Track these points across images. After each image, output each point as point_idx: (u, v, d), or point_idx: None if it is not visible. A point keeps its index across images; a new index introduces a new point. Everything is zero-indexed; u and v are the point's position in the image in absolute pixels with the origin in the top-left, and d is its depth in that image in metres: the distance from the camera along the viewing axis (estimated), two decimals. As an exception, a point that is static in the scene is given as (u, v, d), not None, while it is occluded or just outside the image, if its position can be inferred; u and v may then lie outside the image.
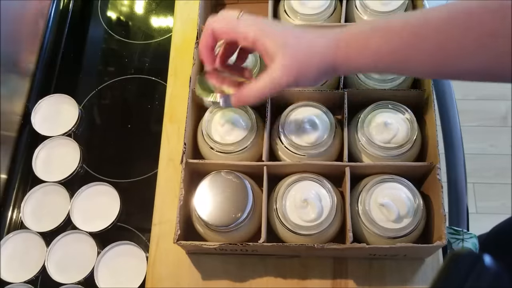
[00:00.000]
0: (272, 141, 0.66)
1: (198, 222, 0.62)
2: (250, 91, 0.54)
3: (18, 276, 0.69)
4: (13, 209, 0.74)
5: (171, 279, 0.66)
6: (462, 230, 0.67)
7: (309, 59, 0.51)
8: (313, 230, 0.58)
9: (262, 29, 0.52)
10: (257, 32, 0.52)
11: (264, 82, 0.52)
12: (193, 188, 0.62)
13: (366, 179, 0.63)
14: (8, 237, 0.71)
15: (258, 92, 0.54)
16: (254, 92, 0.54)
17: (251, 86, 0.54)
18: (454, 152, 0.74)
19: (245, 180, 0.61)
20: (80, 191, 0.73)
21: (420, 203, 0.59)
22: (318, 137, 0.62)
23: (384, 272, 0.64)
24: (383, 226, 0.58)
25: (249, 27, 0.52)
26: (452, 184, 0.71)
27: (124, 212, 0.73)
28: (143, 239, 0.71)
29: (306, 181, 0.61)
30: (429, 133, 0.64)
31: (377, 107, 0.64)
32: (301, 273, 0.64)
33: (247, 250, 0.62)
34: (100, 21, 0.89)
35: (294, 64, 0.51)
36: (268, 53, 0.52)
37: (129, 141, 0.79)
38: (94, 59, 0.87)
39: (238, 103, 0.56)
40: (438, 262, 0.64)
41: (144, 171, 0.75)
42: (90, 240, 0.70)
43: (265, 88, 0.53)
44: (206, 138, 0.64)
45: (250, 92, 0.54)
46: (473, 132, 1.62)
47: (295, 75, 0.51)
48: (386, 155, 0.62)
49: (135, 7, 0.91)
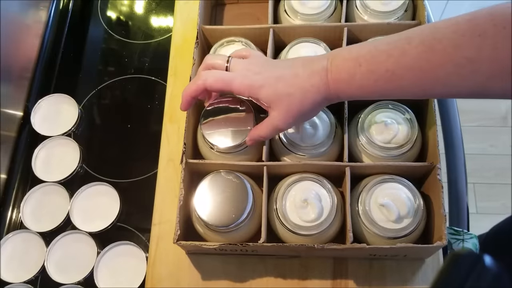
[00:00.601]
0: (272, 141, 0.66)
1: (198, 222, 0.62)
2: (254, 134, 0.60)
3: (17, 276, 0.69)
4: (12, 209, 0.74)
5: (171, 279, 0.66)
6: (462, 231, 0.67)
7: (304, 102, 0.54)
8: (313, 230, 0.58)
9: (253, 86, 0.55)
10: (251, 91, 0.55)
11: (267, 127, 0.58)
12: (193, 188, 0.62)
13: (366, 179, 0.63)
14: (8, 237, 0.71)
15: (261, 135, 0.59)
16: (258, 135, 0.60)
17: (256, 128, 0.60)
18: (454, 152, 0.74)
19: (245, 180, 0.61)
20: (79, 191, 0.73)
21: (421, 203, 0.59)
22: (318, 137, 0.62)
23: (384, 272, 0.64)
24: (383, 226, 0.58)
25: (242, 86, 0.56)
26: (453, 184, 0.71)
27: (124, 212, 0.72)
28: (143, 239, 0.71)
29: (306, 181, 0.61)
30: (429, 133, 0.64)
31: (377, 107, 0.64)
32: (301, 273, 0.64)
33: (247, 250, 0.62)
34: (100, 21, 0.89)
35: (291, 112, 0.55)
36: (264, 105, 0.57)
37: (129, 141, 0.79)
38: (94, 59, 0.86)
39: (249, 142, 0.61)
40: (438, 262, 0.64)
41: (144, 171, 0.75)
42: (90, 240, 0.70)
43: (267, 132, 0.58)
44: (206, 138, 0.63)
45: (255, 135, 0.60)
46: (473, 132, 1.63)
47: (293, 121, 0.56)
48: (386, 155, 0.62)
49: (135, 7, 0.91)
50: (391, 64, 0.49)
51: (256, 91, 0.55)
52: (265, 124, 0.58)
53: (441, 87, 0.48)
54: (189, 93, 0.59)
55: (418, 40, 0.48)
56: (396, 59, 0.49)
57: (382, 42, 0.51)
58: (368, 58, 0.50)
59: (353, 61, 0.51)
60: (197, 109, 0.68)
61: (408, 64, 0.48)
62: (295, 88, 0.54)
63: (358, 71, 0.51)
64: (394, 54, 0.49)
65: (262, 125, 0.58)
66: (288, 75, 0.55)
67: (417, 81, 0.48)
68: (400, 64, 0.49)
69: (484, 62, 0.44)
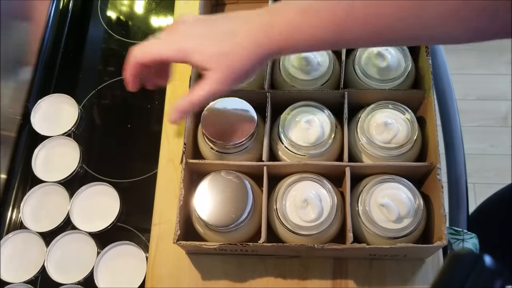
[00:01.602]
0: (272, 141, 0.66)
1: (198, 222, 0.62)
2: (184, 102, 0.54)
3: (17, 276, 0.69)
4: (12, 209, 0.74)
5: (171, 279, 0.65)
6: (462, 231, 0.67)
7: (244, 61, 0.50)
8: (313, 230, 0.58)
9: (185, 48, 0.51)
10: (183, 54, 0.51)
11: (203, 91, 0.52)
12: (193, 188, 0.62)
13: (366, 179, 0.63)
14: (8, 237, 0.71)
15: (194, 102, 0.54)
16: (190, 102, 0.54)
17: (190, 96, 0.54)
18: (454, 152, 0.74)
19: (245, 180, 0.61)
20: (79, 191, 0.73)
21: (421, 203, 0.59)
22: (318, 137, 0.62)
23: (384, 272, 0.64)
24: (383, 226, 0.58)
25: (171, 51, 0.52)
26: (453, 185, 0.71)
27: (124, 212, 0.72)
28: (142, 239, 0.71)
29: (306, 181, 0.61)
30: (429, 133, 0.64)
31: (378, 107, 0.64)
32: (301, 273, 0.64)
33: (247, 250, 0.62)
34: (100, 21, 0.89)
35: (231, 73, 0.51)
36: (199, 68, 0.52)
37: (129, 141, 0.79)
38: (94, 58, 0.86)
39: (176, 113, 0.55)
40: (438, 262, 0.64)
41: (144, 171, 0.75)
42: (90, 240, 0.69)
43: (201, 98, 0.53)
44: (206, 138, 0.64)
45: (185, 102, 0.54)
46: (473, 132, 1.63)
47: (232, 82, 0.52)
48: (386, 155, 0.62)
49: (135, 6, 0.91)
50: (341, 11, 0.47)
51: (187, 54, 0.51)
52: (199, 88, 0.52)
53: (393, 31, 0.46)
54: (128, 73, 0.56)
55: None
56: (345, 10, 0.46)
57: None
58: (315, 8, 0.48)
59: (300, 13, 0.48)
60: (197, 109, 0.68)
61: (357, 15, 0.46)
62: (233, 46, 0.50)
63: (305, 22, 0.48)
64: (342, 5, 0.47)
65: (195, 90, 0.52)
66: (223, 33, 0.50)
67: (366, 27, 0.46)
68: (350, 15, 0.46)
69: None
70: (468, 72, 1.73)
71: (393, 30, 0.46)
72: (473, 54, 1.74)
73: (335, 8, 0.47)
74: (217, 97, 0.55)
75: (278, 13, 0.49)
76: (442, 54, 0.80)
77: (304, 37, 0.48)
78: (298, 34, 0.48)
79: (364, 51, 0.68)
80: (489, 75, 1.73)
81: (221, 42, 0.50)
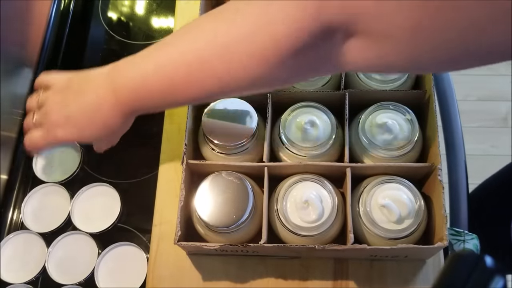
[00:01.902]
0: (273, 142, 0.66)
1: (199, 223, 0.62)
2: (47, 141, 0.60)
3: (18, 276, 0.69)
4: (13, 209, 0.74)
5: (171, 280, 0.65)
6: (463, 231, 0.67)
7: (104, 125, 0.56)
8: (314, 231, 0.58)
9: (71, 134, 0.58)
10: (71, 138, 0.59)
11: (63, 138, 0.58)
12: (193, 189, 0.62)
13: (367, 180, 0.63)
14: (9, 237, 0.71)
15: (40, 147, 0.61)
16: (50, 144, 0.60)
17: (49, 136, 0.59)
18: (455, 153, 0.74)
19: (245, 181, 0.61)
20: (80, 191, 0.73)
21: (421, 204, 0.59)
22: (319, 138, 0.62)
23: (385, 273, 0.64)
24: (384, 227, 0.58)
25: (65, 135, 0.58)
26: (453, 185, 0.71)
27: (124, 213, 0.72)
28: (143, 240, 0.71)
29: (307, 182, 0.61)
30: (430, 134, 0.64)
31: (378, 107, 0.64)
32: (302, 274, 0.64)
33: (248, 251, 0.62)
34: (101, 22, 0.89)
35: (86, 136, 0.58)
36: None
37: (130, 141, 0.79)
38: (95, 59, 0.86)
39: (33, 149, 0.61)
40: (439, 263, 0.64)
41: (145, 172, 0.75)
42: (91, 241, 0.69)
43: (60, 143, 0.61)
44: (207, 139, 0.64)
45: (46, 142, 0.60)
46: (473, 133, 1.63)
47: (92, 140, 0.61)
48: (387, 156, 0.62)
49: (136, 7, 0.91)
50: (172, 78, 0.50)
51: (73, 139, 0.60)
52: (61, 131, 0.58)
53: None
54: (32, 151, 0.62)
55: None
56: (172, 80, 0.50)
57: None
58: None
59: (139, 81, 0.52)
60: (198, 110, 0.68)
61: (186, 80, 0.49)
62: (94, 116, 0.56)
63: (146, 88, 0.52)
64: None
65: (55, 132, 0.58)
66: (88, 113, 0.56)
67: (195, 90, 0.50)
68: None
69: None
70: (468, 72, 1.71)
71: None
72: (473, 54, 1.74)
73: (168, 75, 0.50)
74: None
75: (121, 79, 0.54)
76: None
77: (150, 101, 0.53)
78: (142, 100, 0.53)
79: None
80: (489, 76, 1.73)
81: (93, 125, 0.57)
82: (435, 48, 0.36)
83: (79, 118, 0.56)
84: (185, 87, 0.49)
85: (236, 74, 0.46)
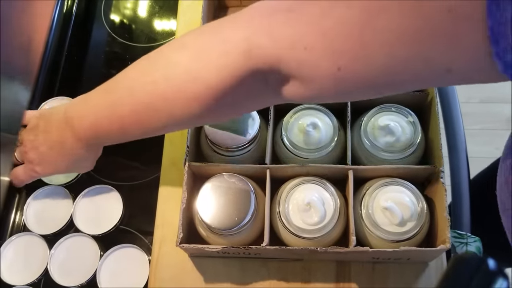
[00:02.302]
0: (275, 144, 0.66)
1: (201, 225, 0.62)
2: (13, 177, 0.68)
3: (20, 278, 0.69)
4: (16, 211, 0.74)
5: (173, 282, 0.65)
6: (466, 234, 0.66)
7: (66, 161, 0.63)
8: (316, 233, 0.58)
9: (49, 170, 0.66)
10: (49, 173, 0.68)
11: (29, 175, 0.67)
12: (195, 191, 0.62)
13: (369, 182, 0.63)
14: (11, 239, 0.71)
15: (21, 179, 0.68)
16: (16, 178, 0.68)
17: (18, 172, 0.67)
18: (457, 155, 0.73)
19: (248, 183, 0.61)
20: (82, 194, 0.73)
21: (424, 206, 0.59)
22: (321, 140, 0.62)
23: (387, 275, 0.64)
24: (386, 229, 0.58)
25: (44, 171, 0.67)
26: (456, 188, 0.71)
27: (126, 215, 0.72)
28: (145, 242, 0.71)
29: (309, 184, 0.61)
30: (432, 136, 0.64)
31: (381, 110, 0.64)
32: (304, 277, 0.64)
33: (250, 253, 0.61)
34: (103, 24, 0.89)
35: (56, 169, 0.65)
36: None
37: (132, 144, 0.79)
38: (97, 62, 0.87)
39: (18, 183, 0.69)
40: (442, 266, 0.64)
41: (147, 174, 0.75)
42: (93, 243, 0.70)
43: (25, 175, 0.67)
44: (209, 141, 0.64)
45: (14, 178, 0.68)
46: (476, 135, 1.62)
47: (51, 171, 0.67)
48: (389, 158, 0.62)
49: (138, 10, 0.91)
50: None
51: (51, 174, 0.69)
52: (27, 173, 0.66)
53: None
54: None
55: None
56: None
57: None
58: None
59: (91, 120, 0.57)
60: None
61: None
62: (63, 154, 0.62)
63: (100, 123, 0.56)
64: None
65: (23, 172, 0.67)
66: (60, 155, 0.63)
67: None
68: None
69: None
70: (471, 75, 1.72)
71: None
72: (476, 56, 1.74)
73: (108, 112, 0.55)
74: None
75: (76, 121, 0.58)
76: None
77: (108, 138, 0.58)
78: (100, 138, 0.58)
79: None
80: (492, 78, 1.72)
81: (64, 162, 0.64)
82: (359, 85, 0.40)
83: (50, 155, 0.63)
84: (135, 128, 0.53)
85: (179, 116, 0.49)
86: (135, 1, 0.92)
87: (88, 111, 0.57)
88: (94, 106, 0.56)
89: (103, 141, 0.61)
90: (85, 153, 0.61)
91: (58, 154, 0.62)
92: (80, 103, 0.59)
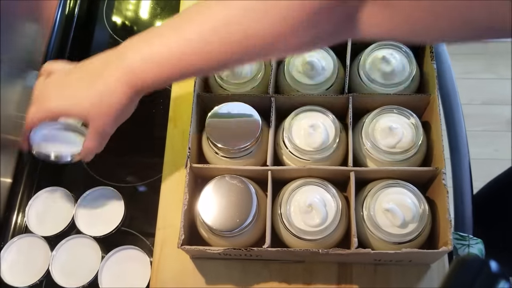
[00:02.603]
0: (277, 145, 0.66)
1: (202, 227, 0.62)
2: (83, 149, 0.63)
3: (22, 280, 0.69)
4: (17, 213, 0.74)
5: (175, 284, 0.65)
6: (468, 236, 0.66)
7: (116, 104, 0.57)
8: (318, 235, 0.58)
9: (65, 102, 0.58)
10: (66, 108, 0.59)
11: (95, 137, 0.61)
12: (197, 192, 0.62)
13: (371, 184, 0.62)
14: (13, 241, 0.71)
15: (90, 147, 0.62)
16: (87, 148, 0.62)
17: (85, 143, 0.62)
18: (459, 157, 0.73)
19: (249, 184, 0.61)
20: (84, 195, 0.73)
21: (426, 208, 0.59)
22: (323, 142, 0.62)
23: (389, 277, 0.63)
24: (388, 231, 0.58)
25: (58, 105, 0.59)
26: (458, 189, 0.71)
27: (128, 216, 0.72)
28: (147, 244, 0.71)
29: (310, 186, 0.61)
30: (434, 138, 0.64)
31: (382, 111, 0.64)
32: (306, 278, 0.64)
33: (251, 255, 0.61)
34: (105, 26, 0.90)
35: (102, 126, 0.59)
36: (81, 119, 0.62)
37: (134, 145, 0.79)
38: (99, 63, 0.87)
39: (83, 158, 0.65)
40: (444, 268, 0.64)
41: (149, 176, 0.75)
42: (94, 245, 0.70)
43: (95, 142, 0.61)
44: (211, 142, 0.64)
45: (84, 149, 0.63)
46: (477, 136, 1.62)
47: (108, 131, 0.60)
48: (391, 159, 0.62)
49: (140, 11, 0.92)
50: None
51: (69, 107, 0.58)
52: (91, 135, 0.60)
53: None
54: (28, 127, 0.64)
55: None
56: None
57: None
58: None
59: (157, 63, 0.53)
60: (202, 114, 0.68)
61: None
62: (102, 95, 0.56)
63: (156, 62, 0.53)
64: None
65: (88, 138, 0.61)
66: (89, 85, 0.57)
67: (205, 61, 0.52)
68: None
69: None
70: (473, 76, 1.73)
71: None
72: (478, 58, 1.74)
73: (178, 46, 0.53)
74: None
75: (132, 55, 0.54)
76: (447, 59, 0.80)
77: (162, 75, 0.54)
78: (154, 73, 0.54)
79: (368, 56, 0.68)
80: (494, 80, 1.72)
81: (91, 95, 0.57)
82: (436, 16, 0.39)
83: (75, 88, 0.58)
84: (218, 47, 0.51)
85: (262, 30, 0.47)
86: (136, 2, 0.92)
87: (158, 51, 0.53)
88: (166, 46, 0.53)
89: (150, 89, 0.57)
90: (126, 101, 0.57)
91: (86, 89, 0.57)
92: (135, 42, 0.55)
